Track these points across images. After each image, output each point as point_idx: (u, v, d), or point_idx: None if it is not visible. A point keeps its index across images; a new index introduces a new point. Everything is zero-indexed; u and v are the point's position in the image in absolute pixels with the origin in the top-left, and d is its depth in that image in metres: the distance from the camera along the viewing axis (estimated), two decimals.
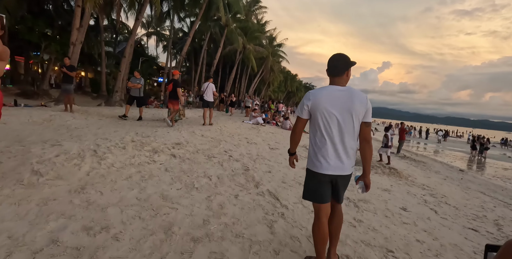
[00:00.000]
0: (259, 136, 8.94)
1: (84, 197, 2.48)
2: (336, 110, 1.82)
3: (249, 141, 7.42)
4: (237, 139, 7.25)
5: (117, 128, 6.28)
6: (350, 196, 4.12)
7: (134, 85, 8.61)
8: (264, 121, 13.67)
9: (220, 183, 3.50)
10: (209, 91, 8.62)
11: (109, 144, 4.03)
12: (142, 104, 9.08)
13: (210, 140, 6.25)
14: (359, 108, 1.83)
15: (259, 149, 6.56)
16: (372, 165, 7.55)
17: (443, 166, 12.61)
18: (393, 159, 11.13)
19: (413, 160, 12.02)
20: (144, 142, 4.56)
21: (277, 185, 3.89)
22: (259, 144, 7.28)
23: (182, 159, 4.23)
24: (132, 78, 8.73)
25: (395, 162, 9.99)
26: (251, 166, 4.67)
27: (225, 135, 7.60)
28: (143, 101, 9.06)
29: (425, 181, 7.18)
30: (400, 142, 13.07)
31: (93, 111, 9.48)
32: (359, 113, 1.84)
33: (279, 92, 59.31)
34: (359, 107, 1.83)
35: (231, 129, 9.07)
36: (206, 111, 8.68)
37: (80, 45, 10.49)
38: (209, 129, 8.01)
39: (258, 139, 8.05)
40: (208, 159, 4.57)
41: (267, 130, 11.27)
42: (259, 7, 29.66)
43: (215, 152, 5.18)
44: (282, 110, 22.66)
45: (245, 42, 25.31)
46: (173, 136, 5.88)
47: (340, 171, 1.87)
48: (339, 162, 1.85)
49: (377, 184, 5.51)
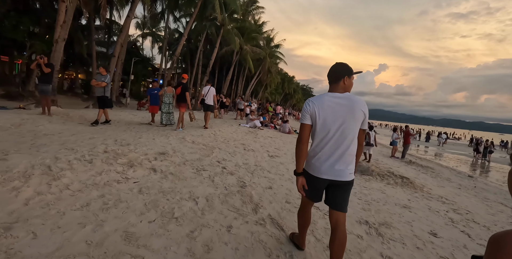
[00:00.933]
0: (257, 141, 8.19)
1: (4, 243, 1.70)
2: (335, 117, 1.84)
3: (246, 147, 6.66)
4: (233, 146, 6.49)
5: (95, 134, 5.49)
6: (369, 220, 3.38)
7: (98, 83, 7.32)
8: (262, 124, 12.93)
9: (209, 208, 2.73)
10: (210, 95, 8.78)
11: (72, 157, 3.25)
12: (107, 106, 7.70)
13: (202, 148, 5.49)
14: (358, 115, 1.85)
15: (257, 157, 5.80)
16: (383, 174, 6.83)
17: (451, 172, 11.93)
18: (399, 165, 10.46)
19: (420, 165, 11.32)
20: (119, 153, 3.79)
21: (280, 207, 3.14)
22: (257, 151, 6.53)
23: (164, 174, 3.46)
24: (97, 75, 7.55)
25: (403, 169, 9.29)
26: (248, 181, 3.91)
27: (219, 141, 6.84)
28: (107, 101, 7.69)
29: (441, 192, 6.47)
30: (405, 146, 12.39)
31: (75, 115, 8.67)
32: (358, 119, 1.86)
33: (276, 94, 58.71)
34: (359, 114, 1.85)
35: (226, 134, 8.31)
36: (207, 114, 8.92)
37: (63, 43, 9.69)
38: (202, 134, 7.25)
39: (256, 145, 7.29)
40: (197, 173, 3.80)
41: (265, 134, 10.53)
42: (256, 7, 28.97)
43: (206, 163, 4.42)
44: (280, 112, 21.95)
45: (242, 42, 24.61)
46: (158, 143, 5.10)
47: (338, 176, 1.85)
48: (336, 167, 1.85)
49: (394, 199, 4.78)
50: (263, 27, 32.50)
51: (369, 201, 4.34)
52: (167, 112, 8.37)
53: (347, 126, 1.84)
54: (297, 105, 76.74)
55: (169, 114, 8.43)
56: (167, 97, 8.39)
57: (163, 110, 8.36)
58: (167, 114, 8.36)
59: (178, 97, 7.78)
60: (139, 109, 15.35)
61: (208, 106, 8.82)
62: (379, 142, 24.63)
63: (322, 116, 1.85)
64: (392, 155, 12.55)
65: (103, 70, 7.62)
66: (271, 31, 33.75)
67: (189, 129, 8.08)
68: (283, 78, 56.09)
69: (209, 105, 8.82)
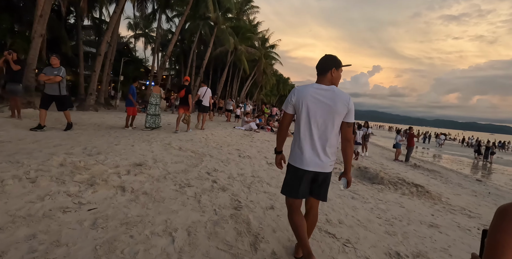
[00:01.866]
0: (253, 145, 7.42)
1: None
2: (317, 108, 1.85)
3: (242, 153, 5.89)
4: (226, 152, 5.71)
5: (64, 140, 4.67)
6: (400, 249, 2.63)
7: (49, 78, 5.45)
8: (258, 127, 12.18)
9: (189, 247, 1.95)
10: (206, 96, 8.73)
11: (10, 174, 2.45)
12: (66, 106, 6.06)
13: (190, 156, 4.70)
14: (340, 108, 1.84)
15: (254, 165, 5.03)
16: (394, 182, 6.11)
17: (457, 176, 11.29)
18: (405, 169, 9.78)
19: (427, 169, 10.66)
20: (79, 166, 2.99)
21: (287, 238, 2.38)
22: (254, 157, 5.76)
23: (135, 194, 2.67)
24: (47, 68, 5.63)
25: (411, 174, 8.61)
26: (244, 199, 3.14)
27: (211, 146, 6.06)
28: (66, 101, 6.01)
29: (461, 202, 5.77)
30: (409, 149, 11.72)
31: (51, 117, 7.80)
32: (341, 113, 1.85)
33: (271, 95, 58.10)
34: (341, 107, 1.84)
35: (219, 138, 7.53)
36: (203, 116, 8.96)
37: (40, 39, 8.83)
38: (192, 138, 6.47)
39: (252, 151, 6.52)
40: (180, 190, 3.02)
41: (262, 137, 9.76)
42: (251, 7, 28.31)
43: (193, 175, 3.63)
44: (276, 114, 21.23)
45: (237, 42, 23.88)
46: (137, 151, 4.31)
47: (319, 168, 1.87)
48: (318, 159, 1.86)
49: (416, 215, 4.04)
50: (258, 27, 31.87)
51: (390, 219, 3.61)
52: (154, 114, 7.57)
53: (329, 118, 1.85)
54: None
55: (156, 116, 7.62)
56: (153, 97, 7.61)
57: (149, 112, 7.56)
58: (153, 116, 7.55)
59: (182, 100, 7.71)
60: None
61: (204, 108, 8.81)
62: (377, 144, 24.11)
63: (305, 107, 1.86)
64: (395, 158, 11.89)
65: (55, 60, 5.60)
66: (266, 31, 33.11)
67: (178, 132, 7.28)
68: (278, 79, 55.53)
69: (205, 107, 8.80)
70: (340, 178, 2.04)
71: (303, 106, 1.86)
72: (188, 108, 7.69)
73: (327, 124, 1.85)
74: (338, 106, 1.83)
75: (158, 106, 7.68)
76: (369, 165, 8.25)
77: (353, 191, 4.71)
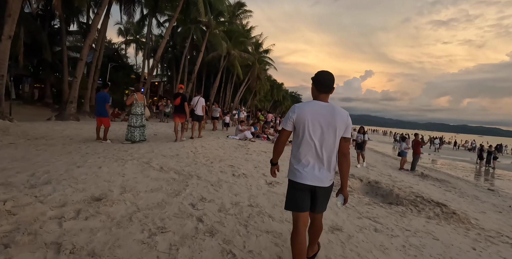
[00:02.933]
0: (248, 159, 6.54)
1: None
2: (318, 125, 1.89)
3: (236, 171, 5.01)
4: (218, 170, 4.82)
5: (15, 162, 3.73)
6: None
7: None
8: (254, 135, 11.32)
9: None
10: (199, 105, 8.70)
11: None
12: None
13: (171, 179, 3.80)
14: (340, 124, 1.89)
15: (251, 188, 4.16)
16: (413, 201, 5.28)
17: (467, 185, 10.56)
18: (415, 180, 8.98)
19: (435, 179, 9.89)
20: (2, 210, 2.08)
21: None
22: (251, 175, 4.88)
23: (76, 256, 1.76)
24: None
25: (423, 186, 7.82)
26: (240, 248, 2.26)
27: (200, 162, 5.16)
28: None
29: (492, 224, 4.96)
30: (415, 157, 10.94)
31: (18, 129, 6.84)
32: (340, 129, 1.90)
33: (265, 101, 57.51)
34: (340, 123, 1.90)
35: (210, 150, 6.64)
36: (195, 125, 8.89)
37: (9, 41, 7.88)
38: (177, 153, 5.58)
39: (248, 166, 5.64)
40: (148, 241, 2.11)
41: (258, 148, 8.90)
42: (244, 11, 27.73)
43: (171, 211, 2.74)
44: (271, 120, 20.42)
45: (230, 47, 23.16)
46: (103, 175, 3.39)
47: (319, 182, 1.90)
48: (318, 174, 1.90)
49: (457, 251, 3.20)
50: (251, 32, 31.27)
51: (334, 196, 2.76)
52: (138, 126, 6.65)
53: (329, 134, 1.88)
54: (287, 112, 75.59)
55: (141, 128, 6.70)
56: (138, 107, 6.67)
57: (131, 123, 6.63)
58: (135, 128, 6.62)
59: (177, 107, 7.54)
60: (112, 120, 13.46)
61: (198, 116, 8.79)
62: (376, 150, 23.41)
63: (306, 123, 1.89)
64: (401, 167, 11.12)
65: None
66: (259, 36, 32.52)
67: (162, 146, 6.37)
68: (272, 85, 55.00)
69: (198, 116, 8.77)
70: (337, 194, 2.05)
71: (304, 122, 1.90)
72: (184, 116, 7.59)
73: (328, 140, 1.89)
74: (338, 122, 1.88)
75: (143, 116, 6.80)
76: (378, 178, 7.43)
77: (373, 219, 3.86)
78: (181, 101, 7.37)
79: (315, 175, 1.89)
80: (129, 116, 6.66)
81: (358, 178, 6.62)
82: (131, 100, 6.60)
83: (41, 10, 20.53)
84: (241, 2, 26.92)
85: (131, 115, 6.61)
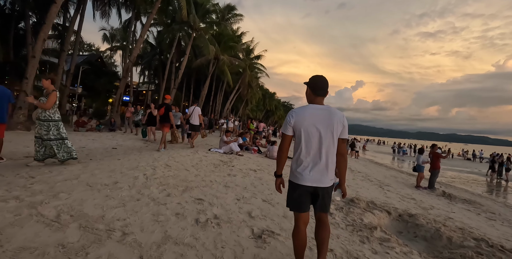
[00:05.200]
0: (230, 185, 4.59)
1: None
2: (317, 127, 1.94)
3: (204, 211, 3.08)
4: (172, 211, 2.88)
5: None
6: None
7: None
8: (242, 148, 9.42)
9: None
10: (195, 115, 8.66)
11: None
12: None
13: (58, 248, 1.85)
14: (337, 126, 1.96)
15: (224, 249, 2.25)
16: (473, 248, 3.42)
17: (498, 205, 8.80)
18: (444, 204, 7.10)
19: (464, 200, 8.11)
20: None
21: None
22: (228, 220, 2.94)
23: None
24: None
25: (460, 214, 5.99)
26: None
27: (149, 196, 3.22)
28: None
29: None
30: (433, 172, 9.13)
31: None
32: (337, 130, 1.96)
33: (257, 111, 55.87)
34: (337, 124, 1.96)
35: (177, 171, 4.69)
36: (193, 135, 8.82)
37: None
38: (117, 180, 3.62)
39: (227, 199, 3.70)
40: None
41: (246, 164, 6.99)
42: (234, 15, 26.31)
43: None
44: (263, 130, 18.56)
45: (218, 51, 21.49)
46: None
47: (320, 183, 1.96)
48: (318, 175, 1.95)
49: None
50: (242, 37, 29.84)
51: None
52: (53, 138, 4.30)
53: (327, 136, 1.94)
54: (279, 122, 74.01)
55: (53, 142, 4.30)
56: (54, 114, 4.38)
57: (40, 134, 4.28)
58: (47, 143, 4.29)
59: (162, 117, 7.67)
60: (76, 129, 11.41)
61: (194, 126, 8.73)
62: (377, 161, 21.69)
63: (304, 127, 1.95)
64: (417, 185, 9.33)
65: None
66: (250, 41, 31.08)
67: (102, 167, 4.38)
68: (264, 94, 53.57)
69: (194, 125, 8.71)
70: (336, 189, 2.15)
71: (303, 126, 1.95)
72: (169, 125, 7.62)
73: (327, 141, 1.94)
74: (335, 124, 1.94)
75: (54, 124, 4.33)
76: (405, 206, 5.58)
77: None
78: (165, 111, 7.55)
79: (315, 176, 1.94)
80: (36, 123, 4.33)
81: (383, 209, 4.73)
82: None
83: (9, 8, 18.68)
84: (231, 5, 25.53)
85: (38, 121, 4.29)
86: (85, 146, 6.84)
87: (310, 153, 1.95)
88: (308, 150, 1.95)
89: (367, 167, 14.07)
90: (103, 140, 8.58)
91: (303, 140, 1.95)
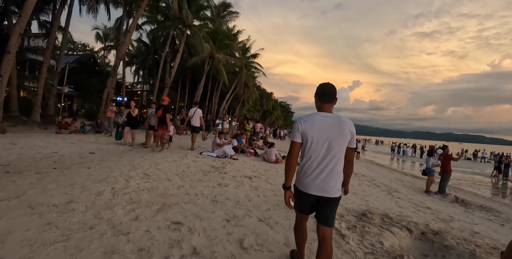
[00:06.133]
0: (219, 199, 3.83)
1: None
2: (325, 136, 1.89)
3: (180, 242, 2.31)
4: (144, 244, 2.13)
5: None
6: None
7: None
8: (237, 150, 8.65)
9: None
10: (196, 117, 8.64)
11: None
12: None
13: None
14: (346, 134, 1.91)
15: None
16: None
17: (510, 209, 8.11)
18: (463, 215, 6.38)
19: (480, 207, 7.41)
20: None
21: None
22: (218, 254, 2.19)
23: None
24: None
25: (484, 227, 5.27)
26: None
27: (109, 222, 2.44)
28: None
29: None
30: (444, 176, 8.41)
31: None
32: (347, 139, 1.92)
33: (254, 111, 55.07)
34: (347, 134, 1.91)
35: (155, 182, 3.91)
36: (194, 136, 8.72)
37: None
38: (72, 199, 2.84)
39: (213, 221, 2.93)
40: None
41: (241, 169, 6.23)
42: (230, 13, 25.52)
43: None
44: (260, 131, 17.80)
45: (213, 49, 20.70)
46: None
47: (326, 193, 1.89)
48: (324, 184, 1.88)
49: None
50: (238, 36, 29.05)
51: None
52: None
53: (335, 144, 1.89)
54: (276, 122, 73.28)
55: None
56: None
57: None
58: None
59: (159, 119, 7.55)
60: (58, 132, 10.57)
61: (194, 128, 8.69)
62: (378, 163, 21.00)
63: (313, 134, 1.90)
64: (427, 190, 8.62)
65: None
66: (247, 40, 30.30)
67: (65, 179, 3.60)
68: (261, 94, 52.81)
69: (195, 127, 8.68)
70: None
71: (311, 134, 1.90)
72: (166, 127, 7.48)
73: (335, 150, 1.89)
74: (345, 133, 1.89)
75: None
76: (429, 222, 4.84)
77: None
78: (162, 113, 7.46)
79: (320, 185, 1.88)
80: None
81: (401, 225, 3.97)
82: None
83: None
84: (226, 2, 24.74)
85: None
86: (57, 151, 6.03)
87: (317, 161, 1.89)
88: (315, 158, 1.89)
89: (370, 170, 13.37)
90: (83, 143, 7.77)
91: (310, 148, 1.90)
